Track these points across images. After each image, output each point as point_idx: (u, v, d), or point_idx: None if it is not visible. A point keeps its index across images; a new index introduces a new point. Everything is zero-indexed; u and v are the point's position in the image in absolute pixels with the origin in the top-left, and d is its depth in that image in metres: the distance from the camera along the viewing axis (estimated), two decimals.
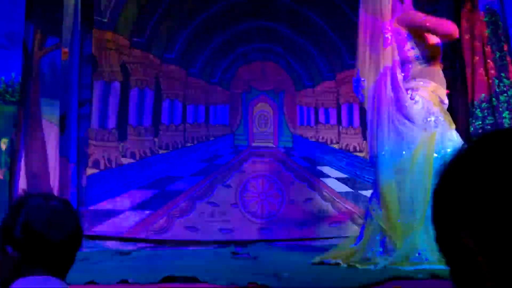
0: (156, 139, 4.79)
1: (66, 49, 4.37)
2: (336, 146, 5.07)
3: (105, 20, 4.72)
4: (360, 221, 4.77)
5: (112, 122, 4.68)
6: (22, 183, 3.96)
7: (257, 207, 4.82)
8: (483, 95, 3.90)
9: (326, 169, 5.01)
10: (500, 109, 3.77)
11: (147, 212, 4.57)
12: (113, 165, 4.60)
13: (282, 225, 4.77)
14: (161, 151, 4.78)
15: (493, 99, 3.82)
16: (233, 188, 4.84)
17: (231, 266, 3.23)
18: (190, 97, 4.96)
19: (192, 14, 5.01)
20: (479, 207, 0.47)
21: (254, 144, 5.02)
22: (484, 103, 3.88)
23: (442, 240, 0.53)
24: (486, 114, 3.87)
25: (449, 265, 0.52)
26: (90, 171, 4.53)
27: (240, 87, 5.08)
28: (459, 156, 0.52)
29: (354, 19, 5.12)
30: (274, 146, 5.05)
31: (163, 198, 4.65)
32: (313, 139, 5.08)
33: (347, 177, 4.98)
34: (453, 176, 0.52)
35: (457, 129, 4.38)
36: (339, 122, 5.11)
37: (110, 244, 4.41)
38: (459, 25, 4.31)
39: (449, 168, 0.52)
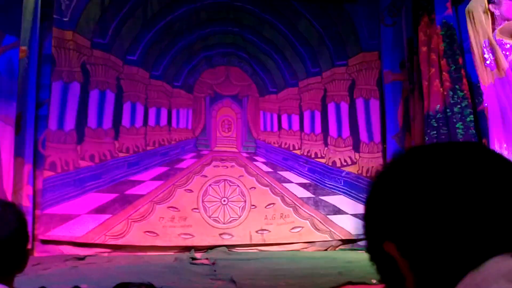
0: (116, 142, 4.70)
1: (24, 48, 4.24)
2: (298, 152, 5.13)
3: (66, 19, 4.61)
4: (321, 226, 4.84)
5: (70, 124, 4.56)
6: None
7: (218, 212, 4.81)
8: (438, 106, 4.03)
9: (288, 175, 5.05)
10: (454, 120, 3.89)
11: (105, 216, 4.48)
12: (71, 168, 4.49)
13: (243, 230, 4.78)
14: (121, 154, 4.70)
15: (447, 110, 3.95)
16: (194, 192, 4.81)
17: (190, 272, 3.21)
18: (152, 100, 4.91)
19: (156, 17, 4.96)
20: (400, 218, 0.51)
21: (216, 149, 5.01)
22: (439, 114, 4.00)
23: (371, 250, 0.56)
24: (440, 124, 3.99)
25: (379, 272, 0.55)
26: (46, 173, 4.40)
27: (204, 91, 5.07)
28: (383, 172, 0.55)
29: (318, 28, 5.24)
30: (237, 151, 5.05)
31: (122, 202, 4.56)
32: (276, 145, 5.12)
33: (308, 183, 5.04)
34: (376, 190, 0.55)
35: (414, 139, 4.54)
36: (301, 128, 5.17)
37: (65, 249, 4.29)
38: (417, 38, 4.45)
39: (374, 182, 0.55)
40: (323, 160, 5.10)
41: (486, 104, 3.39)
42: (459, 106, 3.90)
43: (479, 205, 0.48)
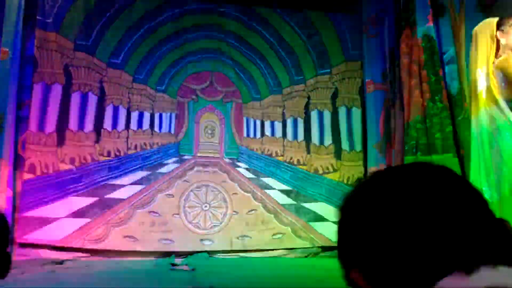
0: (97, 145, 4.66)
1: (6, 50, 4.18)
2: (280, 158, 5.15)
3: (49, 21, 4.57)
4: (302, 233, 4.86)
5: (51, 126, 4.51)
6: None
7: (199, 218, 4.79)
8: (418, 116, 4.09)
9: (270, 181, 5.07)
10: (433, 131, 3.96)
11: (84, 220, 4.43)
12: (50, 171, 4.43)
13: (224, 236, 4.77)
14: (102, 158, 4.66)
15: (427, 120, 4.01)
16: (175, 197, 4.79)
17: (169, 278, 3.19)
18: (135, 104, 4.88)
19: (141, 21, 4.95)
20: (362, 247, 0.54)
21: (199, 154, 5.01)
22: (419, 124, 4.06)
23: (344, 277, 0.59)
24: (420, 134, 4.06)
25: None
26: (25, 176, 4.34)
27: (188, 96, 5.07)
28: (348, 199, 0.59)
29: (302, 37, 5.30)
30: (219, 156, 5.05)
31: (102, 206, 4.52)
32: (259, 151, 5.14)
33: (290, 190, 5.06)
34: (343, 218, 0.60)
35: (394, 148, 4.60)
36: (284, 135, 5.20)
37: (43, 252, 4.23)
38: (398, 49, 4.53)
39: (341, 209, 0.60)
40: (305, 167, 5.13)
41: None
42: (438, 116, 3.97)
43: (430, 231, 0.51)
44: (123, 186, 4.66)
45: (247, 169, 5.08)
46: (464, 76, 3.87)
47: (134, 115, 4.86)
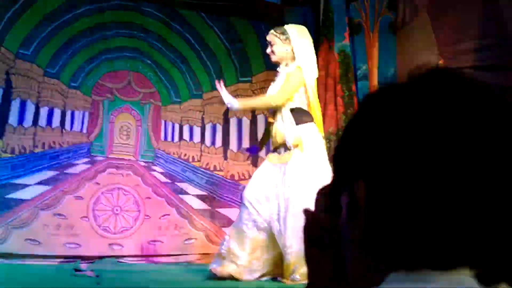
0: (0, 141, 4.33)
1: None
2: (197, 164, 5.11)
3: None
4: (215, 238, 4.86)
5: None
6: None
7: (109, 221, 4.62)
8: (331, 128, 4.29)
9: (185, 186, 5.02)
10: None
11: None
12: None
13: (135, 241, 4.63)
14: (4, 155, 4.34)
15: (340, 132, 4.22)
16: (84, 200, 4.57)
17: (71, 283, 3.04)
18: (45, 99, 4.60)
19: (55, 12, 4.69)
20: (373, 158, 0.44)
21: (112, 156, 4.83)
22: (332, 135, 4.26)
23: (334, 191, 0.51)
24: (333, 146, 4.25)
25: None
26: None
27: (103, 95, 4.88)
28: (362, 104, 0.50)
29: (225, 43, 5.33)
30: (134, 159, 4.91)
31: (1, 206, 4.20)
32: (176, 155, 5.07)
33: (205, 195, 5.04)
34: (351, 126, 0.50)
35: None
36: (202, 140, 5.18)
37: None
38: (317, 62, 4.72)
39: (352, 119, 0.50)
40: (222, 173, 5.14)
41: None
42: None
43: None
44: (27, 186, 4.36)
45: (162, 173, 4.99)
46: None
47: (44, 111, 4.58)
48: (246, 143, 5.25)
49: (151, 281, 3.22)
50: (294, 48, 3.42)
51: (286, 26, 3.53)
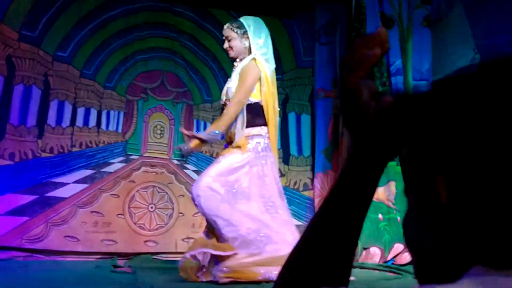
0: (39, 141, 4.47)
1: None
2: None
3: None
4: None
5: None
6: None
7: (144, 219, 4.70)
8: None
9: None
10: None
11: (23, 218, 4.23)
12: None
13: (169, 238, 4.70)
14: (44, 154, 4.47)
15: None
16: (120, 198, 4.67)
17: (110, 280, 3.10)
18: (81, 100, 4.72)
19: (91, 14, 4.81)
20: (456, 151, 0.43)
21: (147, 154, 4.91)
22: None
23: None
24: None
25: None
26: None
27: (137, 95, 4.96)
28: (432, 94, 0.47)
29: None
30: (168, 157, 4.98)
31: (42, 204, 4.33)
32: (207, 154, 5.11)
33: None
34: (422, 122, 0.47)
35: (342, 154, 4.72)
36: None
37: None
38: None
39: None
40: None
41: None
42: None
43: None
44: (66, 184, 4.49)
45: (195, 171, 5.04)
46: (409, 88, 4.04)
47: (80, 112, 4.70)
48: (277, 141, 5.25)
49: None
50: (251, 41, 3.28)
51: (242, 19, 3.38)
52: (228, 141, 3.37)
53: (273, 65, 3.40)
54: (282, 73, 5.35)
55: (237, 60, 3.36)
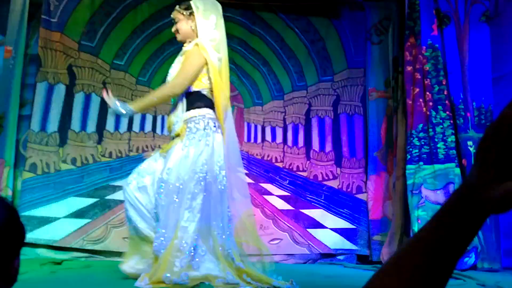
0: (99, 146, 4.66)
1: (10, 48, 4.18)
2: (280, 164, 5.14)
3: (54, 21, 4.57)
4: (300, 239, 4.86)
5: (53, 126, 4.51)
6: None
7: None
8: (421, 125, 4.12)
9: (269, 187, 5.06)
10: (436, 140, 3.99)
11: (84, 221, 4.41)
12: (52, 170, 4.42)
13: None
14: (103, 159, 4.65)
15: (430, 129, 4.04)
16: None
17: None
18: None
19: (144, 23, 4.96)
20: None
21: None
22: (422, 133, 4.09)
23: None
24: (423, 143, 4.08)
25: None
26: (26, 175, 4.33)
27: None
28: None
29: (305, 43, 5.31)
30: None
31: (102, 207, 4.51)
32: (259, 157, 5.13)
33: (289, 196, 5.06)
34: None
35: (396, 156, 4.62)
36: (284, 141, 5.20)
37: (42, 252, 4.21)
38: (402, 57, 4.56)
39: None
40: (304, 174, 5.13)
41: None
42: (441, 126, 3.99)
43: None
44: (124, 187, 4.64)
45: (246, 174, 5.07)
46: (467, 86, 3.90)
47: (137, 117, 4.85)
48: (328, 143, 5.20)
49: None
50: (197, 24, 3.00)
51: (192, 0, 3.08)
52: (168, 131, 3.15)
53: (221, 54, 3.05)
54: (333, 74, 5.31)
55: (185, 44, 3.11)
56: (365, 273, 3.91)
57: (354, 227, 4.95)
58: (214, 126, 2.96)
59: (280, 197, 5.05)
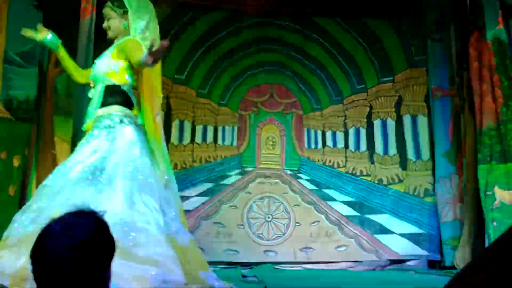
0: None
1: None
2: (342, 169, 5.08)
3: None
4: (368, 246, 4.76)
5: None
6: None
7: (263, 229, 4.81)
8: (491, 123, 3.93)
9: (332, 193, 5.02)
10: (508, 137, 3.79)
11: None
12: None
13: (287, 248, 4.76)
14: None
15: (501, 126, 3.85)
16: (239, 208, 4.84)
17: None
18: (199, 118, 5.02)
19: (202, 37, 5.10)
20: None
21: (261, 166, 5.05)
22: (492, 131, 3.90)
23: None
24: (494, 141, 3.89)
25: None
26: None
27: (249, 109, 5.14)
28: None
29: (363, 45, 5.23)
30: (281, 168, 5.07)
31: None
32: (320, 162, 5.11)
33: (353, 201, 4.98)
34: None
35: (465, 156, 4.42)
36: (346, 145, 5.13)
37: None
38: (467, 53, 4.37)
39: None
40: (369, 178, 5.03)
41: None
42: None
43: None
44: (189, 197, 4.78)
45: (308, 180, 5.06)
46: None
47: (199, 129, 4.99)
48: (392, 145, 5.08)
49: None
50: (130, 22, 2.90)
51: None
52: (86, 130, 2.89)
53: None
54: (393, 74, 5.18)
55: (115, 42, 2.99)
56: (438, 279, 3.76)
57: (423, 231, 4.78)
58: (130, 123, 2.76)
59: (345, 202, 4.98)
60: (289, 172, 5.07)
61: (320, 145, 5.15)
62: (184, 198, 4.73)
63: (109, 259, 0.95)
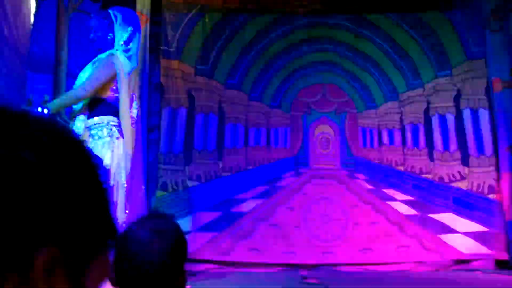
0: (220, 162, 4.90)
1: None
2: (401, 168, 4.95)
3: (172, 50, 4.93)
4: (430, 245, 4.60)
5: (179, 147, 4.84)
6: None
7: (320, 230, 4.77)
8: None
9: (391, 192, 4.89)
10: None
11: (212, 233, 4.65)
12: (180, 188, 4.75)
13: (346, 249, 4.69)
14: (224, 174, 4.88)
15: None
16: (295, 210, 4.83)
17: None
18: (251, 121, 5.06)
19: (252, 41, 5.14)
20: None
21: (315, 166, 5.01)
22: None
23: None
24: None
25: None
26: (159, 193, 4.70)
27: (301, 110, 5.12)
28: None
29: (417, 39, 5.08)
30: (336, 168, 5.01)
31: (227, 220, 4.72)
32: (377, 161, 5.00)
33: (413, 200, 4.83)
34: None
35: None
36: (403, 143, 5.00)
37: None
38: None
39: None
40: (429, 176, 4.87)
41: None
42: None
43: None
44: (245, 200, 4.82)
45: (365, 180, 4.97)
46: None
47: (252, 132, 5.03)
48: (453, 141, 4.89)
49: None
50: (115, 34, 2.98)
51: (110, 10, 3.07)
52: None
53: (134, 64, 3.09)
54: (450, 67, 4.99)
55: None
56: (509, 280, 3.57)
57: (488, 230, 4.56)
58: (119, 132, 2.91)
59: (404, 202, 4.85)
60: (344, 172, 5.00)
61: (376, 144, 5.05)
62: (240, 201, 4.80)
63: (185, 260, 1.00)
